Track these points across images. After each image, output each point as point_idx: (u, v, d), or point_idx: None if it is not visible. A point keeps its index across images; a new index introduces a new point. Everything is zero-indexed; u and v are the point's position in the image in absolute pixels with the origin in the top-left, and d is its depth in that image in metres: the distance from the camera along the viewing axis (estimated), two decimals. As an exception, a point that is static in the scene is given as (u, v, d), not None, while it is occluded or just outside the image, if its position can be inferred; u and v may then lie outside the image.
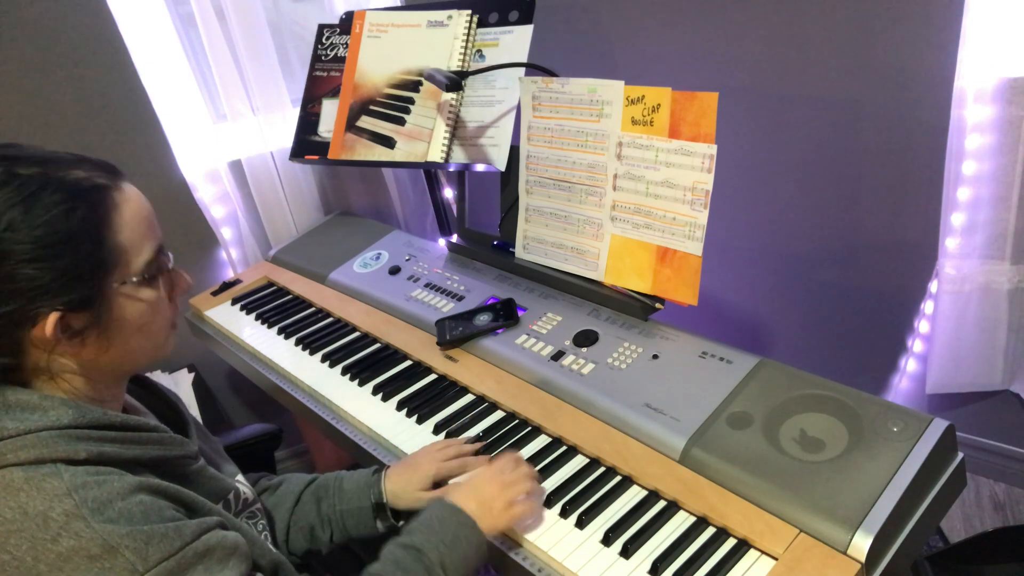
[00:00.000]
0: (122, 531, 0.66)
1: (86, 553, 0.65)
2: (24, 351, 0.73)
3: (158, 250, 0.80)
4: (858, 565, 0.80)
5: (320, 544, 1.03)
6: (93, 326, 0.74)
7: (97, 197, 0.74)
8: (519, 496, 0.94)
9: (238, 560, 0.74)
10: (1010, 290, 1.50)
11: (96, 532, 0.65)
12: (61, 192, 0.71)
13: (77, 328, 0.74)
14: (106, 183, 0.75)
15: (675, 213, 1.17)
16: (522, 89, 1.33)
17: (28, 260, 0.69)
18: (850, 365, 1.82)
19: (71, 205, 0.71)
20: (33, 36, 1.57)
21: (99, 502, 0.67)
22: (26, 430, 0.69)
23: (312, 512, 1.03)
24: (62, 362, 0.75)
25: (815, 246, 1.73)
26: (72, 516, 0.66)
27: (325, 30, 1.69)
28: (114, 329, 0.76)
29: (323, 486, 1.05)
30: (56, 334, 0.72)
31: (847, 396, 0.98)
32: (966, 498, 1.75)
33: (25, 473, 0.67)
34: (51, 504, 0.66)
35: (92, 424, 0.73)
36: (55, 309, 0.71)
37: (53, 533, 0.65)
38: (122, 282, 0.76)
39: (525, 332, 1.26)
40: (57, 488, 0.67)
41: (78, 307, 0.73)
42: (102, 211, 0.74)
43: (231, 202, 1.84)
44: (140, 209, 0.78)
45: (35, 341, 0.72)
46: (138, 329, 0.78)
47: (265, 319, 1.54)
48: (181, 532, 0.70)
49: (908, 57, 1.43)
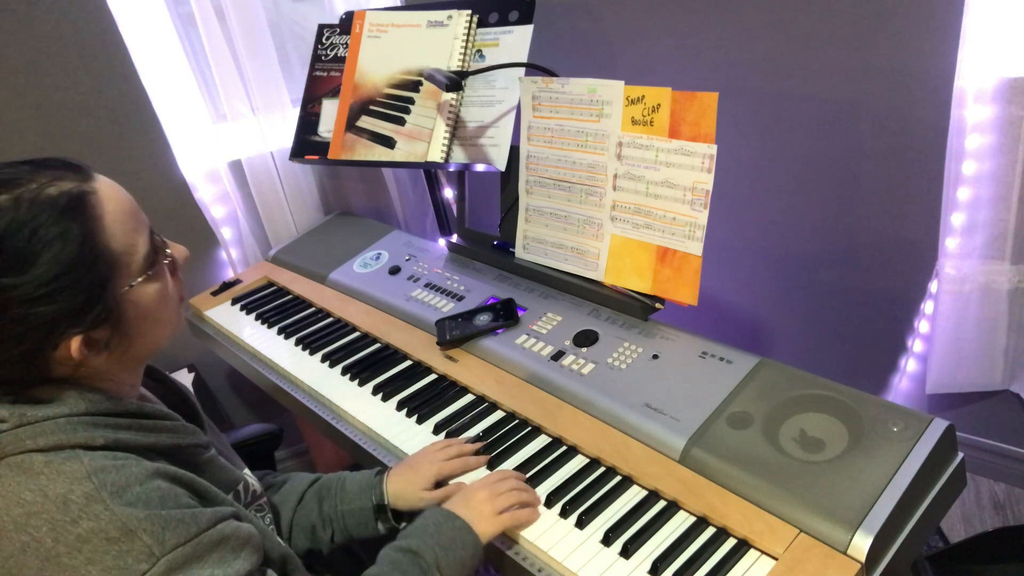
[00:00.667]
0: (140, 515, 0.67)
1: (105, 535, 0.65)
2: (49, 369, 0.73)
3: (150, 238, 0.78)
4: (858, 565, 0.80)
5: (321, 544, 1.03)
6: (115, 334, 0.75)
7: (81, 212, 0.70)
8: (510, 504, 0.94)
9: (251, 551, 0.75)
10: (1010, 290, 1.50)
11: (115, 515, 0.66)
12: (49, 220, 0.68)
13: (102, 340, 0.74)
14: (81, 189, 0.72)
15: (675, 213, 1.17)
16: (522, 89, 1.33)
17: (34, 300, 0.68)
18: (850, 365, 1.82)
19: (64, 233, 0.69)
20: (33, 36, 1.57)
21: (118, 486, 0.68)
22: (44, 417, 0.70)
23: (314, 511, 1.03)
24: (90, 372, 0.75)
25: (815, 246, 1.73)
26: (92, 499, 0.66)
27: (325, 30, 1.69)
28: (134, 328, 0.77)
29: (326, 486, 1.05)
30: (82, 352, 0.72)
31: (847, 396, 0.98)
32: (966, 498, 1.75)
33: (45, 457, 0.68)
34: (71, 487, 0.67)
35: (108, 412, 0.74)
36: (75, 334, 0.71)
37: (73, 515, 0.66)
38: (129, 285, 0.76)
39: (525, 332, 1.26)
40: (77, 471, 0.68)
41: (97, 324, 0.73)
42: (90, 224, 0.71)
43: (231, 202, 1.84)
44: (122, 204, 0.75)
45: (60, 360, 0.72)
46: (154, 319, 0.79)
47: (265, 319, 1.54)
48: (197, 519, 0.70)
49: (908, 57, 1.43)
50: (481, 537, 0.90)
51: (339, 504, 1.02)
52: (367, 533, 1.02)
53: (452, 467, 1.03)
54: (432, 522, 0.90)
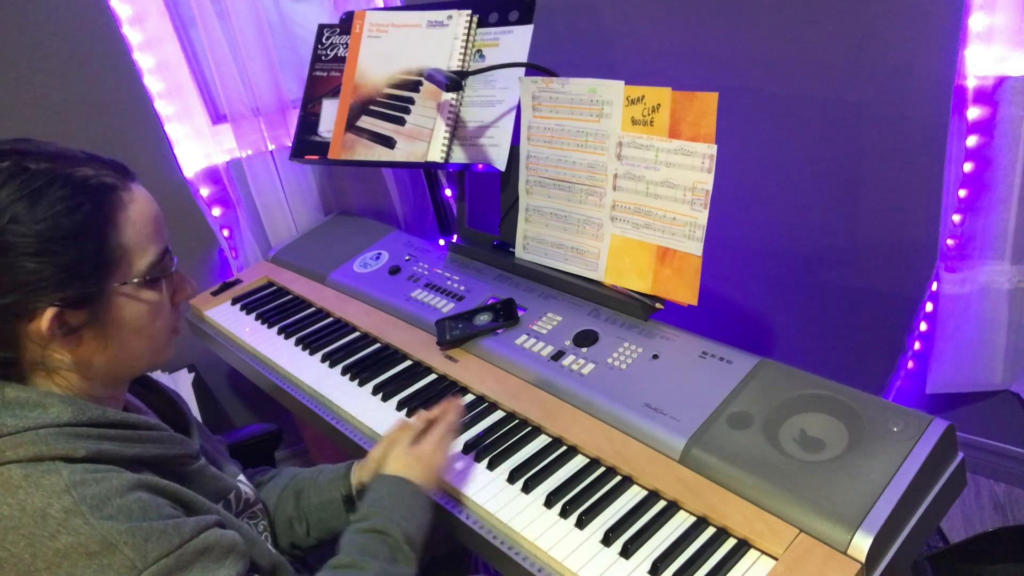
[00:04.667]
0: (121, 528, 0.66)
1: (84, 550, 0.65)
2: (21, 345, 0.73)
3: (163, 253, 0.80)
4: (858, 565, 0.80)
5: (299, 538, 1.03)
6: (90, 324, 0.74)
7: (103, 196, 0.74)
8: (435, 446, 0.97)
9: (235, 559, 0.74)
10: (1010, 290, 1.50)
11: (95, 529, 0.65)
12: (67, 188, 0.72)
13: (74, 325, 0.74)
14: (114, 183, 0.75)
15: (675, 213, 1.17)
16: (522, 89, 1.33)
17: (30, 254, 0.69)
18: (850, 365, 1.82)
19: (76, 202, 0.72)
20: (33, 36, 1.57)
21: (98, 499, 0.67)
22: (25, 427, 0.69)
23: (291, 505, 1.03)
24: (56, 358, 0.74)
25: (815, 246, 1.73)
26: (71, 513, 0.65)
27: (325, 30, 1.69)
28: (112, 329, 0.76)
29: (303, 479, 1.05)
30: (52, 329, 0.72)
31: (847, 396, 0.98)
32: (966, 498, 1.75)
33: (24, 470, 0.67)
34: (50, 501, 0.66)
35: (91, 422, 0.73)
36: (52, 304, 0.71)
37: (51, 530, 0.65)
38: (123, 283, 0.76)
39: (525, 332, 1.26)
40: (56, 485, 0.67)
41: (76, 304, 0.73)
42: (107, 210, 0.74)
43: (231, 202, 1.84)
44: (147, 211, 0.78)
45: (31, 335, 0.72)
46: (137, 331, 0.78)
47: (265, 319, 1.54)
48: (180, 530, 0.70)
49: (908, 57, 1.43)
50: (431, 493, 0.93)
51: (312, 497, 1.02)
52: (341, 525, 0.99)
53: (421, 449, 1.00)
54: (386, 494, 0.90)
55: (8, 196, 0.69)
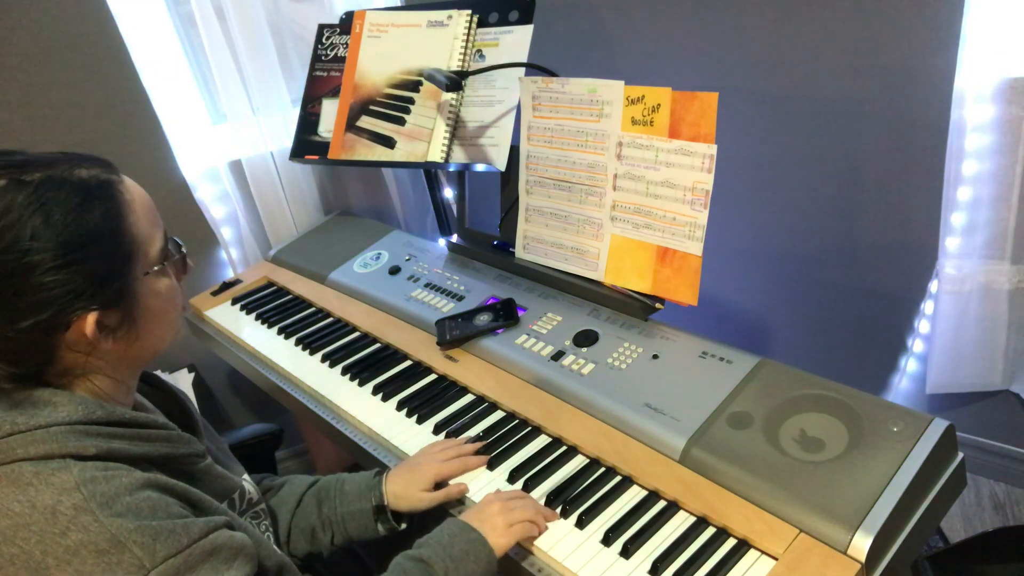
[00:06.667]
0: (130, 526, 0.66)
1: (94, 547, 0.65)
2: (55, 356, 0.73)
3: (165, 237, 0.81)
4: (858, 565, 0.80)
5: (321, 546, 1.03)
6: (125, 321, 0.75)
7: (108, 193, 0.74)
8: (523, 517, 0.93)
9: (244, 561, 0.74)
10: (1010, 290, 1.50)
11: (104, 526, 0.65)
12: (74, 193, 0.71)
13: (112, 325, 0.74)
14: (110, 177, 0.76)
15: (675, 213, 1.17)
16: (522, 89, 1.33)
17: (56, 267, 0.69)
18: (850, 365, 1.82)
19: (87, 205, 0.72)
20: (33, 36, 1.57)
21: (107, 496, 0.67)
22: (35, 425, 0.69)
23: (313, 514, 1.03)
24: (96, 363, 0.75)
25: (815, 246, 1.73)
26: (81, 510, 0.66)
27: (325, 30, 1.69)
28: (141, 321, 0.77)
29: (324, 488, 1.05)
30: (95, 334, 0.72)
31: (847, 396, 0.98)
32: (966, 498, 1.75)
33: (34, 467, 0.68)
34: (60, 498, 0.66)
35: (101, 420, 0.73)
36: (90, 310, 0.71)
37: (62, 527, 0.65)
38: (144, 273, 0.77)
39: (525, 332, 1.26)
40: (66, 482, 0.67)
41: (111, 304, 0.73)
42: (116, 205, 0.75)
43: (231, 202, 1.84)
44: (144, 199, 0.79)
45: (70, 344, 0.72)
46: (161, 317, 0.80)
47: (265, 319, 1.54)
48: (189, 530, 0.70)
49: (908, 57, 1.43)
50: (495, 550, 0.90)
51: (339, 506, 1.02)
52: (367, 535, 1.02)
53: (451, 468, 1.03)
54: (447, 533, 0.90)
55: (19, 214, 0.68)
